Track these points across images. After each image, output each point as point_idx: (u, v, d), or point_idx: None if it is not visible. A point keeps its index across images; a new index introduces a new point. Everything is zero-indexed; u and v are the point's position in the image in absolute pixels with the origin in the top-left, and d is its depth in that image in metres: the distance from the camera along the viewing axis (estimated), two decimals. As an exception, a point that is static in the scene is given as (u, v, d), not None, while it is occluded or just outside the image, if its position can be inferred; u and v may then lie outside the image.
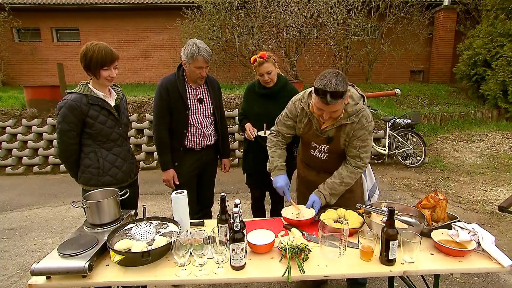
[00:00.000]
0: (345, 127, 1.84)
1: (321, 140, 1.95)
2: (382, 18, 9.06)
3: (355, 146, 1.87)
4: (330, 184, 1.94)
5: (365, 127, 1.83)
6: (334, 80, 1.61)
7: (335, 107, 1.69)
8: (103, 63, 1.88)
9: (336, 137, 1.89)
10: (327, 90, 1.60)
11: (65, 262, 1.40)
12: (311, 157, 2.07)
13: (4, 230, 3.77)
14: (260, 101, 2.53)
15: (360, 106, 1.82)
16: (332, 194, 1.94)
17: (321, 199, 1.93)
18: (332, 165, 2.00)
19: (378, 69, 10.02)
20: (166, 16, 10.73)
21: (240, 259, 1.44)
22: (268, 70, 2.38)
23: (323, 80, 1.64)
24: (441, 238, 1.61)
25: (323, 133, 1.90)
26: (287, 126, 2.07)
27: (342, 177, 1.92)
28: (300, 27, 8.21)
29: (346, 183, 1.93)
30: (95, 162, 1.95)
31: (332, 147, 1.94)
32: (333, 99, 1.62)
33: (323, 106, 1.68)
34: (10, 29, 11.49)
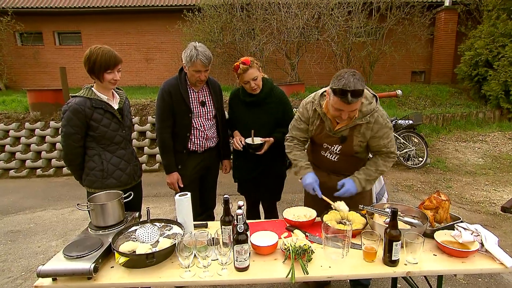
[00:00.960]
0: (360, 127, 1.85)
1: (333, 141, 1.95)
2: (383, 19, 9.08)
3: (383, 144, 1.90)
4: (366, 170, 1.95)
5: (385, 125, 1.86)
6: (353, 79, 1.61)
7: (355, 106, 1.69)
8: (107, 66, 1.90)
9: (349, 137, 1.90)
10: (347, 89, 1.60)
11: (70, 264, 1.41)
12: (322, 158, 2.06)
13: (9, 233, 3.80)
14: (246, 109, 2.40)
15: (374, 106, 1.83)
16: (367, 180, 1.93)
17: (356, 183, 1.91)
18: (343, 167, 2.01)
19: (379, 70, 10.03)
20: (167, 19, 10.78)
21: (244, 260, 1.45)
22: (254, 76, 2.24)
23: (341, 80, 1.63)
24: (444, 239, 1.62)
25: (337, 133, 1.91)
26: (301, 130, 2.07)
27: (377, 165, 1.94)
28: (301, 29, 8.24)
29: (381, 171, 1.95)
30: (99, 165, 1.97)
31: (345, 147, 1.94)
32: (353, 98, 1.62)
33: (343, 106, 1.67)
34: (13, 33, 11.56)
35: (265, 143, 2.30)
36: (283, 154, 2.51)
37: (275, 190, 2.58)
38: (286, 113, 2.45)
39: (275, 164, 2.48)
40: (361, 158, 2.06)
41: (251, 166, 2.45)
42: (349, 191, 1.90)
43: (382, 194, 2.35)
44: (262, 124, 2.36)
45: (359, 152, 1.99)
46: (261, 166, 2.43)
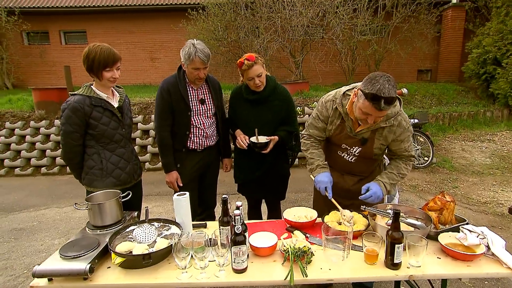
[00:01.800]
0: (383, 130, 1.81)
1: (354, 142, 1.90)
2: (389, 17, 8.96)
3: (404, 148, 1.87)
4: (389, 174, 1.90)
5: (407, 128, 1.82)
6: (388, 85, 1.53)
7: (385, 113, 1.65)
8: (105, 64, 1.89)
9: (370, 139, 1.85)
10: (381, 95, 1.52)
11: (66, 264, 1.40)
12: (337, 158, 2.01)
13: (13, 231, 3.82)
14: (250, 107, 2.35)
15: (398, 109, 1.77)
16: (391, 184, 1.89)
17: (381, 187, 1.84)
18: (358, 168, 1.97)
19: (385, 68, 9.90)
20: (172, 17, 10.78)
21: (241, 262, 1.42)
22: (258, 72, 2.19)
23: (375, 84, 1.55)
24: (449, 241, 1.57)
25: (358, 135, 1.86)
26: (318, 129, 2.01)
27: (399, 168, 1.90)
28: (306, 27, 8.17)
29: (403, 175, 1.91)
30: (98, 164, 1.95)
31: (365, 150, 1.89)
32: (386, 105, 1.55)
33: (373, 111, 1.60)
34: (20, 33, 11.66)
35: (271, 142, 2.27)
36: (286, 153, 2.49)
37: (279, 189, 2.54)
38: (289, 111, 2.41)
39: (279, 162, 2.44)
40: (376, 160, 2.02)
41: (254, 166, 2.41)
42: (376, 195, 1.80)
43: (394, 195, 2.30)
44: (266, 122, 2.32)
45: (377, 155, 1.95)
46: (265, 164, 2.39)
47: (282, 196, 2.58)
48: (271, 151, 2.27)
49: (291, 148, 2.45)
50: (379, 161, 2.08)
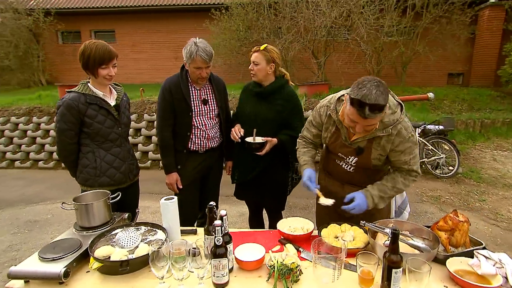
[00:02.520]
0: (380, 140, 1.63)
1: (349, 152, 1.75)
2: (418, 18, 8.53)
3: (404, 161, 1.67)
4: (381, 185, 1.72)
5: (408, 139, 1.61)
6: (375, 91, 1.40)
7: (372, 121, 1.48)
8: (101, 61, 1.85)
9: (367, 149, 1.68)
10: (366, 102, 1.39)
11: (43, 266, 1.36)
12: (336, 167, 1.86)
13: (27, 222, 3.95)
14: (253, 101, 2.30)
15: (397, 116, 1.59)
16: (381, 197, 1.71)
17: (368, 199, 1.69)
18: (358, 178, 1.80)
19: (412, 71, 9.46)
20: (195, 17, 10.90)
21: (221, 276, 1.32)
22: (255, 60, 2.17)
23: (361, 89, 1.42)
24: (459, 268, 1.38)
25: (353, 144, 1.71)
26: (312, 135, 1.90)
27: (395, 181, 1.71)
28: (329, 28, 7.94)
29: (398, 189, 1.72)
30: (92, 162, 1.92)
31: (361, 160, 1.73)
32: (371, 112, 1.41)
33: (358, 118, 1.47)
34: (55, 32, 12.27)
35: (267, 143, 2.16)
36: (287, 160, 2.35)
37: (276, 197, 2.41)
38: (294, 114, 2.28)
39: (276, 168, 2.31)
40: (380, 170, 1.83)
41: (249, 167, 2.31)
42: (359, 207, 1.67)
43: (404, 208, 2.10)
44: (265, 120, 2.22)
45: (378, 165, 1.77)
46: (259, 167, 2.28)
47: (280, 205, 2.45)
48: (267, 154, 2.16)
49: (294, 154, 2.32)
50: (384, 172, 1.89)
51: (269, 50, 2.18)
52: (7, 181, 5.61)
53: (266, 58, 2.16)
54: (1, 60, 11.19)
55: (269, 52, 2.18)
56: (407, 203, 2.06)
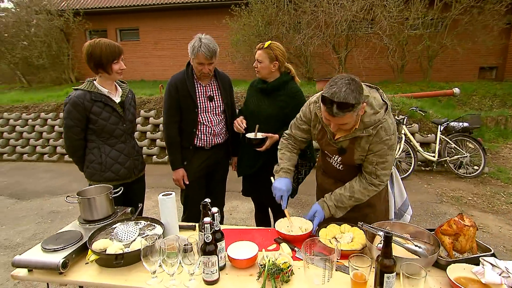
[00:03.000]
0: (361, 140, 1.59)
1: (333, 151, 1.73)
2: (446, 9, 8.08)
3: (371, 161, 1.62)
4: (338, 195, 1.72)
5: (384, 141, 1.55)
6: (345, 89, 1.38)
7: (343, 120, 1.46)
8: (113, 57, 1.91)
9: (349, 149, 1.65)
10: (334, 100, 1.38)
11: (44, 257, 1.42)
12: (328, 164, 1.85)
13: (51, 213, 4.17)
14: (257, 97, 2.30)
15: (380, 116, 1.54)
16: (338, 207, 1.72)
17: (324, 210, 1.72)
18: (349, 176, 1.76)
19: (439, 66, 9.01)
20: (216, 14, 10.95)
21: (211, 273, 1.32)
22: (259, 58, 2.17)
23: (332, 87, 1.41)
24: (461, 275, 1.31)
25: (337, 143, 1.68)
26: (302, 130, 1.87)
27: (353, 191, 1.69)
28: (350, 22, 7.72)
29: (356, 199, 1.70)
30: (98, 158, 1.99)
31: (345, 160, 1.71)
32: (339, 110, 1.39)
33: (329, 116, 1.47)
34: (84, 31, 12.78)
35: (267, 139, 2.14)
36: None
37: None
38: (297, 111, 2.22)
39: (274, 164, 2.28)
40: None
41: (250, 161, 2.31)
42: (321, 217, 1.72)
43: (405, 210, 2.02)
44: (267, 116, 2.21)
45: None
46: (259, 162, 2.27)
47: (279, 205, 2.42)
48: (268, 149, 2.14)
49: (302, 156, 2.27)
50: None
51: (273, 48, 2.16)
52: (36, 174, 5.95)
53: (269, 56, 2.15)
54: (36, 59, 11.82)
55: (272, 49, 2.15)
56: (409, 205, 1.97)
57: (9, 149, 6.98)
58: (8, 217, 4.11)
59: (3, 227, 3.85)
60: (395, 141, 1.59)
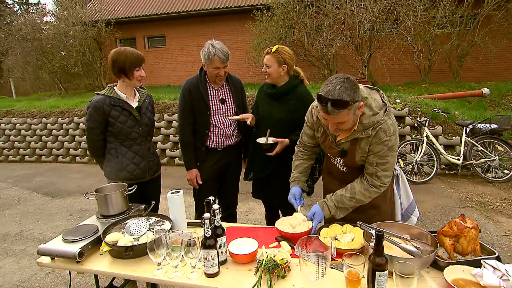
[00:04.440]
0: (361, 141, 1.61)
1: (335, 153, 1.76)
2: (477, 5, 7.72)
3: (371, 162, 1.63)
4: (339, 196, 1.74)
5: (383, 141, 1.56)
6: (339, 87, 1.41)
7: (339, 118, 1.47)
8: (136, 64, 2.07)
9: (351, 151, 1.67)
10: (329, 97, 1.41)
11: (64, 246, 1.57)
12: (333, 166, 1.88)
13: (80, 210, 4.46)
14: (266, 102, 2.34)
15: (379, 118, 1.55)
16: (338, 207, 1.74)
17: (324, 211, 1.75)
18: (354, 178, 1.78)
19: (469, 65, 8.59)
20: (238, 19, 11.16)
21: (211, 266, 1.40)
22: (267, 63, 2.21)
23: (327, 85, 1.44)
24: (460, 277, 1.29)
25: (338, 145, 1.71)
26: (308, 136, 1.91)
27: (354, 192, 1.70)
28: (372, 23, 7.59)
29: (358, 200, 1.70)
30: (115, 158, 2.14)
31: (347, 161, 1.73)
32: (334, 108, 1.42)
33: (325, 115, 1.50)
34: (114, 40, 13.48)
35: (277, 144, 2.19)
36: None
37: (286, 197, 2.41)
38: None
39: (288, 168, 2.32)
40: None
41: (261, 165, 2.37)
42: (320, 217, 1.75)
43: (411, 212, 1.99)
44: (277, 120, 2.25)
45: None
46: (270, 166, 2.32)
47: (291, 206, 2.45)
48: (279, 154, 2.18)
49: None
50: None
51: (280, 52, 2.20)
52: (68, 174, 6.37)
53: (277, 60, 2.19)
54: (72, 68, 12.64)
55: (280, 53, 2.20)
56: (415, 206, 1.94)
57: (47, 152, 7.51)
58: (44, 213, 4.45)
59: (39, 222, 4.17)
60: (396, 142, 1.59)
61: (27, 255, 3.34)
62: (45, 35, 12.83)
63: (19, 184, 5.83)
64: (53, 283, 2.85)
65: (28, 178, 6.20)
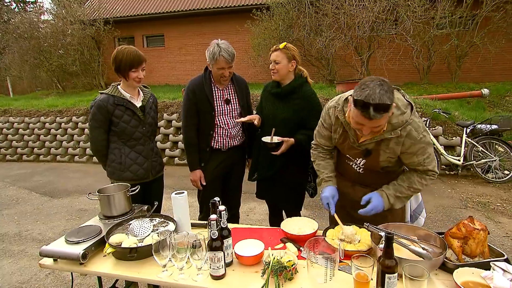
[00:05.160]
0: (389, 142, 1.57)
1: (357, 154, 1.71)
2: (476, 6, 7.74)
3: (418, 162, 1.61)
4: (396, 185, 1.67)
5: (420, 140, 1.54)
6: (379, 90, 1.35)
7: (378, 122, 1.43)
8: (132, 65, 2.03)
9: (375, 151, 1.63)
10: (370, 102, 1.34)
11: (67, 248, 1.54)
12: (346, 167, 1.83)
13: (79, 210, 4.43)
14: (271, 101, 2.32)
15: (407, 117, 1.52)
16: (397, 197, 1.67)
17: (383, 199, 1.64)
18: (370, 179, 1.75)
19: (468, 66, 8.62)
20: (238, 19, 11.13)
21: (217, 268, 1.38)
22: (277, 59, 2.17)
23: (364, 89, 1.37)
24: (470, 279, 1.28)
25: (361, 145, 1.66)
26: (324, 138, 1.85)
27: (411, 181, 1.65)
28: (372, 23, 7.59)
29: (415, 189, 1.66)
30: (118, 158, 2.11)
31: (369, 162, 1.69)
32: (376, 113, 1.36)
33: (363, 120, 1.42)
34: (113, 39, 13.40)
35: (283, 143, 2.17)
36: (305, 161, 2.34)
37: (292, 197, 2.40)
38: (312, 114, 2.25)
39: (293, 167, 2.31)
40: (392, 171, 1.76)
41: (266, 165, 2.35)
42: (376, 209, 1.63)
43: (419, 213, 1.98)
44: (282, 119, 2.24)
45: (388, 167, 1.70)
46: (276, 165, 2.30)
47: (297, 205, 2.44)
48: (284, 153, 2.17)
49: None
50: (397, 172, 1.79)
51: (290, 48, 2.19)
52: (67, 174, 6.32)
53: (287, 56, 2.17)
54: (70, 66, 12.56)
55: (289, 50, 2.19)
56: (423, 207, 1.93)
57: (45, 151, 7.45)
58: (42, 213, 4.41)
59: (38, 222, 4.13)
60: (429, 136, 1.58)
61: (26, 255, 3.30)
62: (42, 33, 12.73)
63: (17, 184, 5.78)
64: (53, 284, 2.82)
65: (26, 178, 6.15)
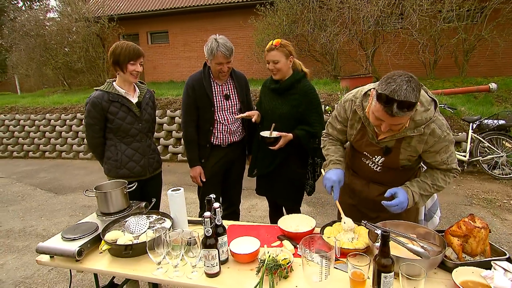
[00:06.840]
0: (411, 140, 1.51)
1: (375, 151, 1.64)
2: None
3: (441, 161, 1.56)
4: (420, 182, 1.61)
5: (444, 138, 1.49)
6: (406, 87, 1.27)
7: (399, 120, 1.35)
8: (130, 58, 2.03)
9: (395, 149, 1.57)
10: (395, 98, 1.27)
11: (63, 245, 1.54)
12: (362, 165, 1.76)
13: (82, 207, 4.46)
14: (270, 96, 2.31)
15: (431, 114, 1.45)
16: (421, 194, 1.60)
17: (409, 195, 1.56)
18: (386, 178, 1.69)
19: (476, 60, 8.44)
20: (242, 14, 11.07)
21: (211, 266, 1.37)
22: (275, 59, 2.14)
23: (390, 84, 1.29)
24: (469, 278, 1.25)
25: (380, 143, 1.60)
26: (338, 131, 1.79)
27: (434, 178, 1.60)
28: (376, 17, 7.46)
29: (438, 187, 1.62)
30: (114, 155, 2.11)
31: (388, 160, 1.62)
32: (400, 110, 1.29)
33: (384, 116, 1.35)
34: (117, 36, 13.43)
35: (281, 138, 2.15)
36: (305, 158, 2.32)
37: (292, 193, 2.38)
38: (310, 109, 2.23)
39: (293, 163, 2.28)
40: (411, 169, 1.71)
41: (266, 161, 2.33)
42: (402, 205, 1.54)
43: (434, 212, 1.93)
44: (281, 114, 2.22)
45: (407, 165, 1.65)
46: (276, 161, 2.28)
47: (296, 201, 2.42)
48: (284, 149, 2.15)
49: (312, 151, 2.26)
50: (415, 171, 1.74)
51: (285, 45, 2.18)
52: (72, 170, 6.38)
53: (285, 54, 2.16)
54: (75, 64, 12.64)
55: (285, 46, 2.17)
56: (438, 206, 1.88)
57: (50, 148, 7.53)
58: (47, 210, 4.46)
59: (42, 218, 4.18)
60: (452, 134, 1.54)
61: (30, 251, 3.34)
62: (48, 31, 12.82)
63: (23, 180, 5.85)
64: (56, 279, 2.85)
65: (32, 174, 6.22)
